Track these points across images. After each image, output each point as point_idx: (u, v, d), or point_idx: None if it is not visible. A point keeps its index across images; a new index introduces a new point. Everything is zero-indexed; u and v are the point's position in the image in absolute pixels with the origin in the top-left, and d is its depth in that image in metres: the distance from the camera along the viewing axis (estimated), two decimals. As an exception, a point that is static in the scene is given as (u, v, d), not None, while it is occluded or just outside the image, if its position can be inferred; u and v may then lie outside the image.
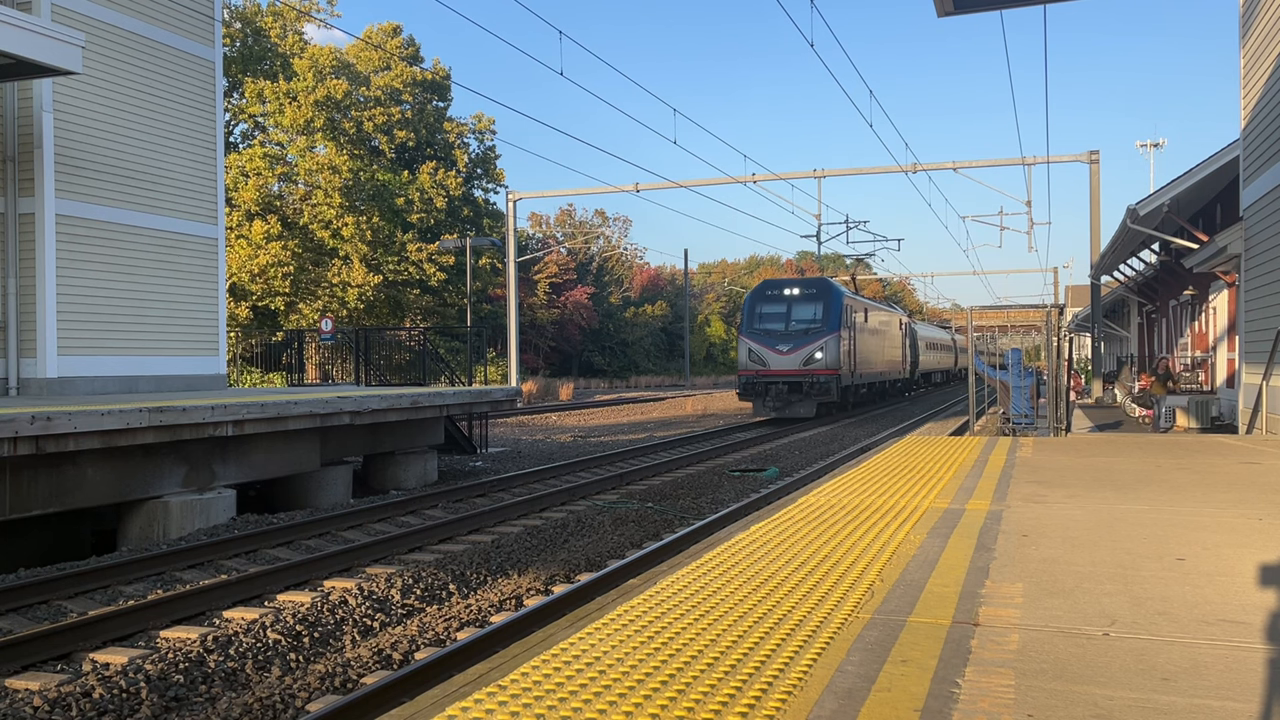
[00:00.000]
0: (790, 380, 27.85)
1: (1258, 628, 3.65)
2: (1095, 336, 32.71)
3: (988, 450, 10.53)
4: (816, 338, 28.03)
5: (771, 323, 28.83)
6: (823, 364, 27.73)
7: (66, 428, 9.47)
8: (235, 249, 40.23)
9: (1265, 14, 13.74)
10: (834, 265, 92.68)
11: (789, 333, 28.42)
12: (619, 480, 15.05)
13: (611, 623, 3.75)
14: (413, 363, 25.49)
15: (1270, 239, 13.35)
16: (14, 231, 14.52)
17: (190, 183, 17.10)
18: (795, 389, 27.86)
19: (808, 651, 3.35)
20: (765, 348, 28.34)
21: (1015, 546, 5.15)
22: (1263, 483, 7.66)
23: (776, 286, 29.91)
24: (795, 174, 30.67)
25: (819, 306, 28.66)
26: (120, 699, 5.90)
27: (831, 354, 27.90)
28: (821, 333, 28.06)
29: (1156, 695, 2.93)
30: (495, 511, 12.00)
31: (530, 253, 52.84)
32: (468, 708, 2.88)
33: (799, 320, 28.59)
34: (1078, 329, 46.49)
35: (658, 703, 2.87)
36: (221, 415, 11.28)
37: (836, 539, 5.36)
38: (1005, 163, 28.22)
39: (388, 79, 47.74)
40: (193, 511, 11.06)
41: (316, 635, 7.20)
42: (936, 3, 8.05)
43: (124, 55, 15.78)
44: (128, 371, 15.75)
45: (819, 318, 28.41)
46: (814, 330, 28.16)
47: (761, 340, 28.51)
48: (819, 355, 27.76)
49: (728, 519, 11.49)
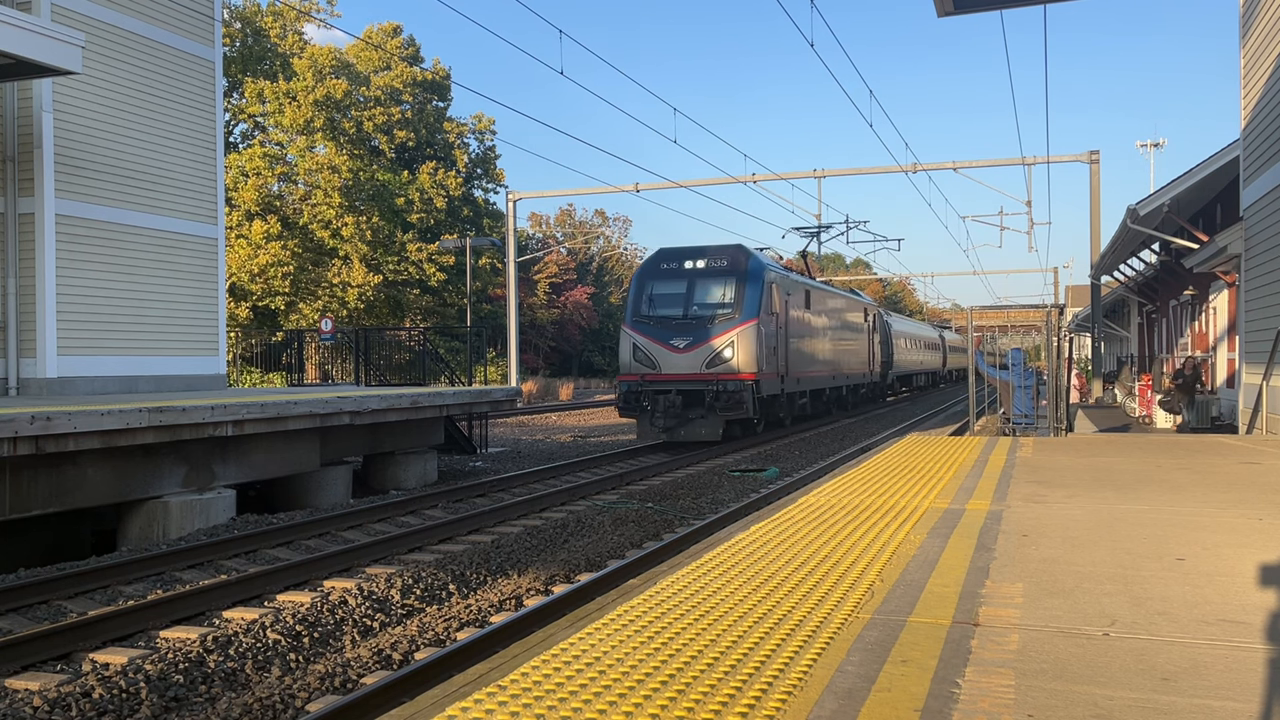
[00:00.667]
0: (687, 388, 19.84)
1: (1258, 628, 3.65)
2: (1095, 336, 32.71)
3: (988, 450, 10.54)
4: (726, 327, 20.03)
5: (665, 307, 20.80)
6: (734, 364, 19.76)
7: (66, 428, 9.47)
8: (235, 249, 40.22)
9: (1265, 14, 13.74)
10: (834, 265, 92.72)
11: (688, 321, 20.41)
12: (619, 480, 15.04)
13: (611, 623, 3.75)
14: (413, 363, 25.51)
15: (1270, 239, 13.35)
16: (14, 231, 14.52)
17: (190, 183, 17.10)
18: (694, 400, 19.81)
19: (808, 651, 3.34)
20: (655, 342, 20.29)
21: (1015, 546, 5.15)
22: (1263, 483, 7.66)
23: (673, 257, 21.53)
24: (795, 174, 30.69)
25: (731, 285, 20.60)
26: (120, 699, 5.89)
27: (748, 350, 19.89)
28: (733, 321, 20.06)
29: (1156, 695, 2.93)
30: (495, 511, 12.00)
31: (530, 253, 52.84)
32: (468, 708, 2.88)
33: (703, 304, 20.62)
34: (1078, 329, 46.51)
35: (658, 703, 2.87)
36: (221, 415, 11.28)
37: (837, 539, 5.36)
38: (1005, 163, 28.23)
39: (388, 79, 47.74)
40: (193, 511, 11.06)
41: (316, 635, 7.20)
42: (936, 3, 8.05)
43: (124, 55, 15.77)
44: (128, 371, 15.74)
45: (731, 300, 20.40)
46: (723, 318, 20.16)
47: (650, 332, 20.48)
48: (729, 353, 19.79)
49: (728, 519, 11.49)
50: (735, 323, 20.10)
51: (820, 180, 31.18)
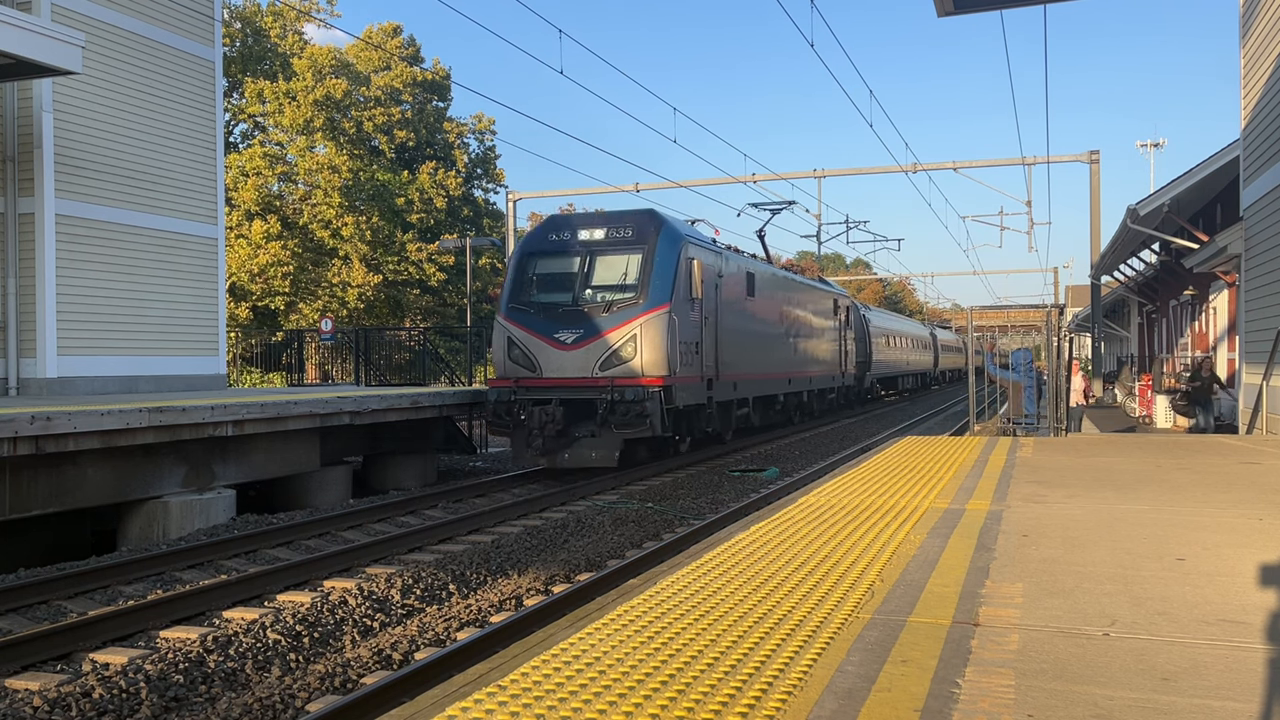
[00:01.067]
0: (572, 396, 14.84)
1: (1258, 628, 3.65)
2: (1095, 336, 32.72)
3: (988, 450, 10.54)
4: (627, 316, 15.05)
5: (551, 291, 15.83)
6: (635, 365, 14.82)
7: (66, 428, 9.48)
8: (235, 249, 40.21)
9: (1265, 14, 13.74)
10: (834, 265, 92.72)
11: (579, 310, 15.33)
12: (619, 480, 15.04)
13: (611, 623, 3.75)
14: (412, 363, 25.53)
15: (1270, 239, 13.35)
16: (14, 231, 14.52)
17: (190, 183, 17.11)
18: (581, 412, 14.78)
19: (808, 652, 3.34)
20: (536, 336, 15.28)
21: (1015, 546, 5.15)
22: (1263, 483, 7.66)
23: (565, 227, 16.46)
24: (795, 174, 30.68)
25: (636, 262, 15.56)
26: (120, 699, 5.89)
27: (656, 346, 14.85)
28: (636, 307, 15.06)
29: (1156, 695, 2.93)
30: (495, 511, 12.00)
31: (530, 253, 52.72)
32: (468, 708, 2.88)
33: (599, 286, 15.59)
34: (1078, 329, 46.52)
35: (658, 703, 2.87)
36: (221, 415, 11.29)
37: (837, 539, 5.36)
38: (1005, 163, 28.23)
39: (388, 79, 47.75)
40: (193, 511, 11.06)
41: (316, 635, 7.20)
42: (936, 3, 8.06)
43: (124, 55, 15.78)
44: (128, 371, 15.75)
45: (635, 282, 15.38)
46: (624, 304, 15.16)
47: (531, 323, 15.43)
48: (629, 350, 14.86)
49: (728, 519, 11.50)
50: (639, 310, 15.00)
51: (820, 180, 31.21)
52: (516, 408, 14.91)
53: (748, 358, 19.21)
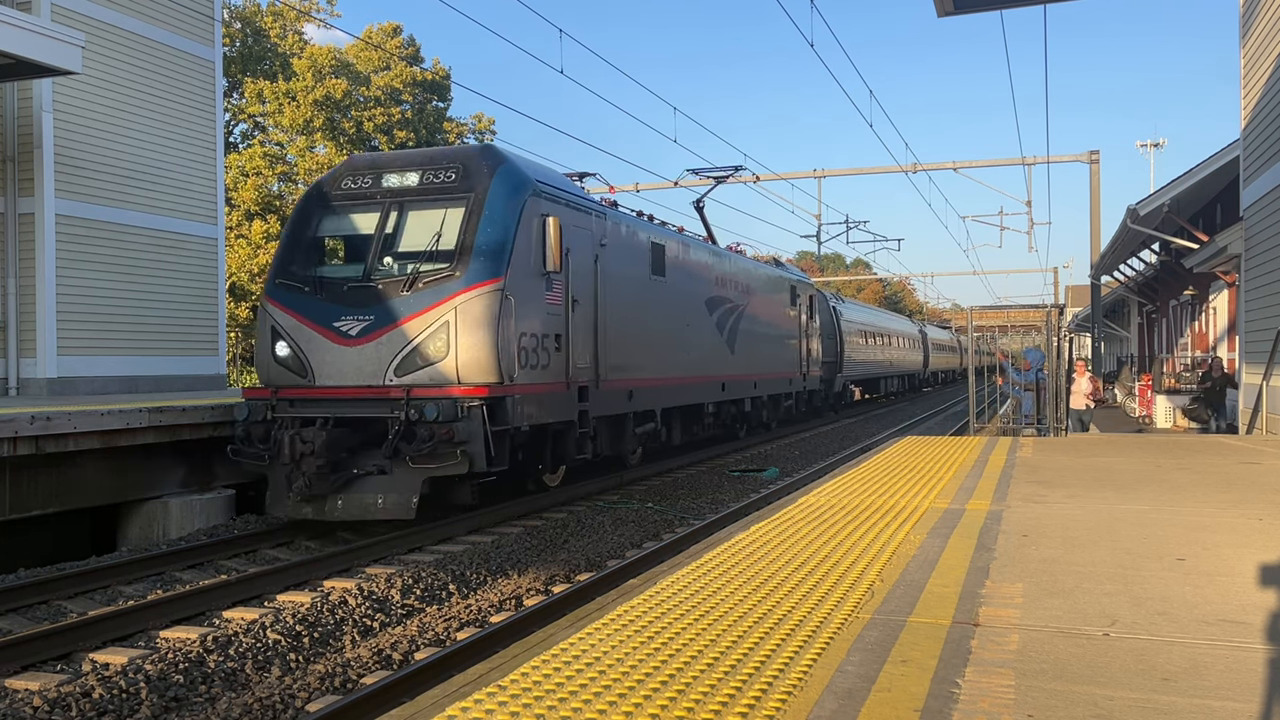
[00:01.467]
0: (355, 413, 9.96)
1: (1258, 628, 3.65)
2: (1095, 336, 32.73)
3: (988, 450, 10.54)
4: (438, 296, 10.11)
5: (336, 261, 11.97)
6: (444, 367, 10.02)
7: (66, 428, 9.48)
8: (235, 249, 40.21)
9: (1265, 14, 13.74)
10: (834, 265, 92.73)
11: (371, 286, 10.41)
12: (619, 480, 15.03)
13: (611, 623, 3.75)
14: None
15: (1270, 239, 13.35)
16: (14, 231, 14.52)
17: (190, 183, 17.11)
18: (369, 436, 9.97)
19: (808, 652, 3.34)
20: (310, 325, 10.46)
21: (1015, 546, 5.15)
22: (1263, 483, 7.66)
23: (363, 169, 11.39)
24: (795, 174, 30.69)
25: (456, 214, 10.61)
26: (120, 699, 5.89)
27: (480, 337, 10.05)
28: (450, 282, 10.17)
29: (1156, 695, 2.93)
30: (495, 511, 11.99)
31: (530, 253, 52.73)
32: (468, 708, 2.88)
33: (405, 254, 10.75)
34: (1078, 329, 46.54)
35: (658, 703, 2.87)
36: (221, 415, 11.28)
37: (836, 539, 5.36)
38: (1005, 163, 28.24)
39: (387, 79, 47.76)
40: (193, 511, 11.06)
41: (316, 635, 7.20)
42: (936, 3, 8.06)
43: (124, 55, 15.78)
44: (128, 372, 15.75)
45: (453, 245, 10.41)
46: (434, 276, 10.22)
47: (303, 307, 10.59)
48: (436, 344, 10.04)
49: (728, 519, 11.49)
50: (456, 286, 10.11)
51: (820, 180, 31.21)
52: (275, 429, 9.98)
53: (653, 357, 14.42)
